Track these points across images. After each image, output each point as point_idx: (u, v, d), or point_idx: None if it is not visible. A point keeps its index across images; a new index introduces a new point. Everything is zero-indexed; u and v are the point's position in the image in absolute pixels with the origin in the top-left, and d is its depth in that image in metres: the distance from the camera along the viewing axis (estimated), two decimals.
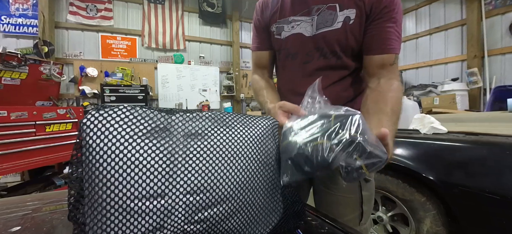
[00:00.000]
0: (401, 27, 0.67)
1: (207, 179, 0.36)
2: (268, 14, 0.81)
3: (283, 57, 0.81)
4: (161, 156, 0.34)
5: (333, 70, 0.73)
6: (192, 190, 0.35)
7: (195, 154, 0.36)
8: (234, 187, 0.39)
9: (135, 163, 0.32)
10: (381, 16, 0.65)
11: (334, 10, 0.68)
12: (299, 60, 0.76)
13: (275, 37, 0.80)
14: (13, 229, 0.46)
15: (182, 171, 0.35)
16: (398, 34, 0.66)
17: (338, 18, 0.68)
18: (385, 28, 0.65)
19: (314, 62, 0.74)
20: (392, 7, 0.64)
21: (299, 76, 0.77)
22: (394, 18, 0.65)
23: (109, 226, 0.30)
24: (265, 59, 0.88)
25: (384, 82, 0.65)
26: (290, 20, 0.75)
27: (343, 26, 0.67)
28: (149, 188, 0.32)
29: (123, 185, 0.30)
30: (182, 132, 0.37)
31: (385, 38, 0.65)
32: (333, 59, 0.72)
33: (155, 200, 0.32)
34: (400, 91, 0.64)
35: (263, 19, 0.83)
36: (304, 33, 0.73)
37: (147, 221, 0.31)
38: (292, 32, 0.75)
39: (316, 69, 0.74)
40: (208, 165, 0.37)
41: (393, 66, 0.66)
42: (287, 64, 0.80)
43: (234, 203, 0.39)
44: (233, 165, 0.39)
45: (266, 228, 0.45)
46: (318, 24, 0.70)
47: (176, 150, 0.35)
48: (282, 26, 0.77)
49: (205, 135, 0.39)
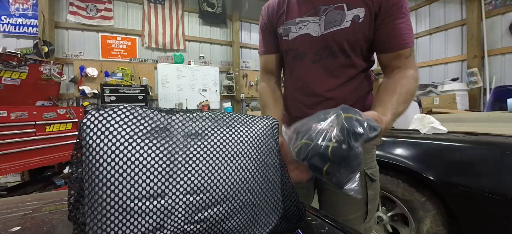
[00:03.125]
0: (410, 19, 0.68)
1: (207, 179, 0.36)
2: (275, 16, 0.82)
3: (291, 58, 0.81)
4: (161, 156, 0.34)
5: (342, 69, 0.74)
6: (192, 190, 0.35)
7: (195, 154, 0.36)
8: (234, 187, 0.39)
9: (135, 163, 0.32)
10: (391, 14, 0.65)
11: (342, 10, 0.69)
12: (307, 60, 0.76)
13: (283, 39, 0.80)
14: (13, 229, 0.46)
15: (182, 171, 0.35)
16: (409, 27, 0.67)
17: (346, 17, 0.68)
18: (396, 25, 0.65)
19: (323, 62, 0.74)
20: (401, 4, 0.65)
21: (308, 76, 0.77)
22: (403, 13, 0.65)
23: (109, 226, 0.29)
24: (272, 63, 0.88)
25: (398, 72, 0.67)
26: (297, 21, 0.75)
27: (352, 25, 0.68)
28: (149, 188, 0.32)
29: (123, 185, 0.30)
30: (182, 132, 0.37)
31: (398, 35, 0.66)
32: (342, 58, 0.72)
33: (155, 200, 0.32)
34: (414, 78, 0.65)
35: (270, 22, 0.84)
36: (312, 33, 0.73)
37: (147, 221, 0.31)
38: (299, 33, 0.75)
39: (325, 68, 0.74)
40: (208, 165, 0.37)
41: (409, 58, 0.67)
42: (295, 65, 0.80)
43: (234, 203, 0.39)
44: (233, 165, 0.39)
45: (266, 228, 0.45)
46: (327, 24, 0.71)
47: (176, 150, 0.35)
48: (289, 27, 0.77)
49: (205, 135, 0.39)
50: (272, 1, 0.85)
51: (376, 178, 0.79)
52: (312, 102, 0.78)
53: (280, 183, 0.47)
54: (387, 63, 0.70)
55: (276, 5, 0.81)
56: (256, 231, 0.43)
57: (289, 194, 0.47)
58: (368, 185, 0.77)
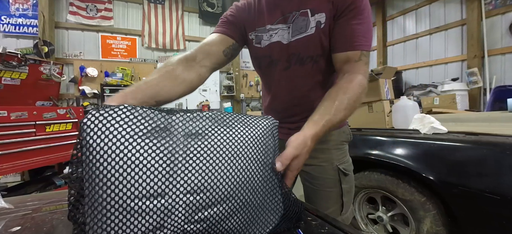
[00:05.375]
0: (369, 23, 0.67)
1: (207, 179, 0.36)
2: (245, 16, 0.79)
3: (265, 66, 0.82)
4: (161, 156, 0.34)
5: (310, 75, 0.75)
6: (192, 190, 0.35)
7: (195, 154, 0.36)
8: (234, 187, 0.39)
9: (135, 163, 0.32)
10: (346, 14, 0.65)
11: (307, 16, 0.69)
12: (280, 67, 0.78)
13: (254, 46, 0.81)
14: (13, 229, 0.46)
15: (182, 171, 0.35)
16: (365, 31, 0.65)
17: (311, 24, 0.69)
18: (351, 25, 0.65)
19: (292, 68, 0.75)
20: (358, 6, 0.64)
21: (280, 82, 0.80)
22: (360, 15, 0.64)
23: (109, 226, 0.30)
24: (220, 45, 0.74)
25: (346, 77, 0.65)
26: (268, 29, 0.76)
27: (316, 31, 0.68)
28: (149, 187, 0.32)
29: (123, 184, 0.30)
30: (182, 131, 0.37)
31: (350, 35, 0.65)
32: (309, 64, 0.73)
33: (155, 200, 0.32)
34: (360, 85, 0.63)
35: (239, 16, 0.80)
36: (282, 40, 0.74)
37: (147, 221, 0.31)
38: (271, 40, 0.76)
39: (294, 75, 0.76)
40: (208, 164, 0.37)
41: (358, 62, 0.65)
42: (270, 72, 0.81)
43: (234, 202, 0.39)
44: (233, 164, 0.39)
45: (266, 228, 0.45)
46: (293, 31, 0.71)
47: (176, 149, 0.35)
48: (261, 35, 0.78)
49: (205, 135, 0.39)
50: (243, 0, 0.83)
51: (349, 172, 0.82)
52: (282, 108, 0.82)
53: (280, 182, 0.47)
54: (338, 66, 0.69)
55: (246, 5, 0.80)
56: (256, 231, 0.43)
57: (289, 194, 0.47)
58: (342, 179, 0.79)
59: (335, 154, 0.80)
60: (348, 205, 0.83)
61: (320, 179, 0.80)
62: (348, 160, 0.84)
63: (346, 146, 0.86)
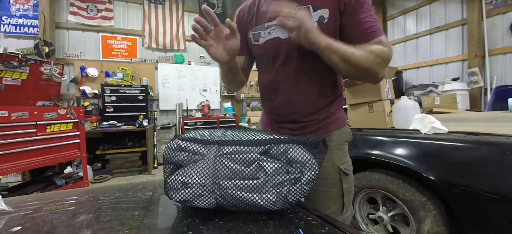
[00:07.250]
0: (374, 14, 0.70)
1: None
2: (246, 20, 0.84)
3: (264, 63, 0.83)
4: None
5: (310, 71, 0.76)
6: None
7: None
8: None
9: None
10: (355, 10, 0.67)
11: (308, 11, 0.70)
12: (279, 62, 0.78)
13: (253, 44, 0.82)
14: (13, 229, 0.46)
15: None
16: (374, 20, 0.68)
17: (312, 19, 0.70)
18: (361, 19, 0.67)
19: (294, 64, 0.76)
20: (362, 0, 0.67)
21: (278, 78, 0.80)
22: (366, 8, 0.67)
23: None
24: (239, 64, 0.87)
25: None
26: (266, 26, 0.77)
27: (318, 25, 0.69)
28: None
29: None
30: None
31: (364, 29, 0.67)
32: (310, 61, 0.74)
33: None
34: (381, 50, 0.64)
35: (241, 25, 0.85)
36: (281, 36, 0.75)
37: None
38: (269, 37, 0.77)
39: (295, 70, 0.77)
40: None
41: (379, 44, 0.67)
42: (269, 69, 0.82)
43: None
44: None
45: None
46: None
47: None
48: (259, 32, 0.79)
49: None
50: (244, 5, 0.87)
51: (349, 172, 0.83)
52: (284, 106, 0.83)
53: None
54: None
55: (247, 8, 0.84)
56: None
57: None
58: (343, 179, 0.80)
59: (336, 154, 0.81)
60: (348, 205, 0.84)
61: (321, 179, 0.80)
62: (348, 160, 0.85)
63: (346, 146, 0.87)
